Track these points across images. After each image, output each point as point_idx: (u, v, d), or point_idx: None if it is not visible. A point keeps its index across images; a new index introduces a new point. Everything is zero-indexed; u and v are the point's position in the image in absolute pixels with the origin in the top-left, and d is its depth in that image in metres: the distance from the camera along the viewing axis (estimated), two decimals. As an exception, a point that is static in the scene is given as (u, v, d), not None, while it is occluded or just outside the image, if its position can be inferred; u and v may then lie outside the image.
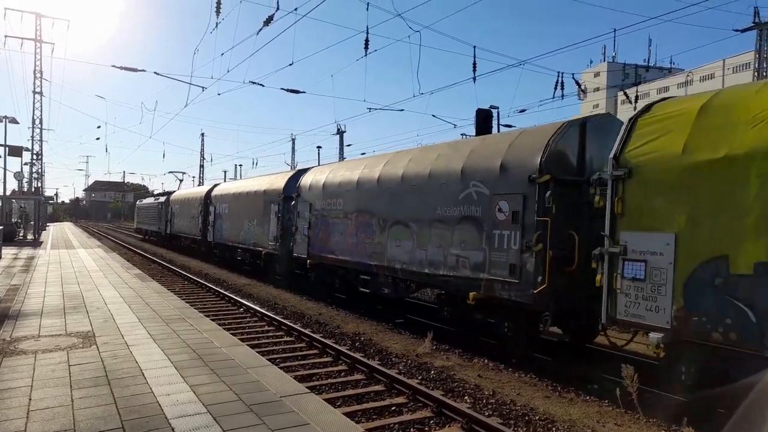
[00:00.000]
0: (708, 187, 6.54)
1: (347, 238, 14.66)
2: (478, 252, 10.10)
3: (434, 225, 11.30)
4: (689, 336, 6.66)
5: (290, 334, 11.49)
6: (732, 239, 6.25)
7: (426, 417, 6.94)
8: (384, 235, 13.02)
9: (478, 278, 10.03)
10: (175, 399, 5.25)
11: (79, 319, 9.07)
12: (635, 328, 7.50)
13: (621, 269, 7.44)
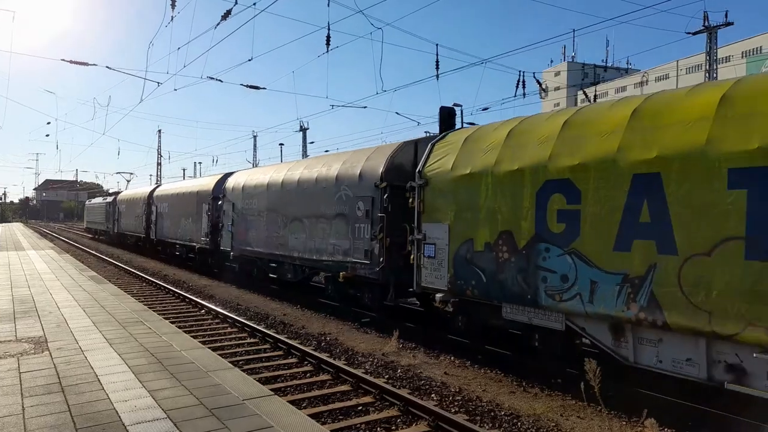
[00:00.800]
0: (464, 192, 9.61)
1: (261, 233, 17.36)
2: (346, 241, 13.06)
3: (319, 220, 14.21)
4: (456, 294, 9.90)
5: (254, 335, 11.28)
6: (474, 228, 9.36)
7: (393, 416, 6.91)
8: (286, 230, 15.84)
9: (346, 261, 13.01)
10: (132, 405, 5.06)
11: (31, 323, 8.68)
12: (431, 291, 10.54)
13: (423, 250, 10.43)
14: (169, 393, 5.44)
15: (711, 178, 6.24)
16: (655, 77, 76.98)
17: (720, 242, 6.15)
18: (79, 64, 18.68)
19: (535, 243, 8.27)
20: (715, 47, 26.56)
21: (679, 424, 6.63)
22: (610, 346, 7.45)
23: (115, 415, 4.81)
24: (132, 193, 37.09)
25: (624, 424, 6.77)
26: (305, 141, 44.13)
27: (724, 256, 6.11)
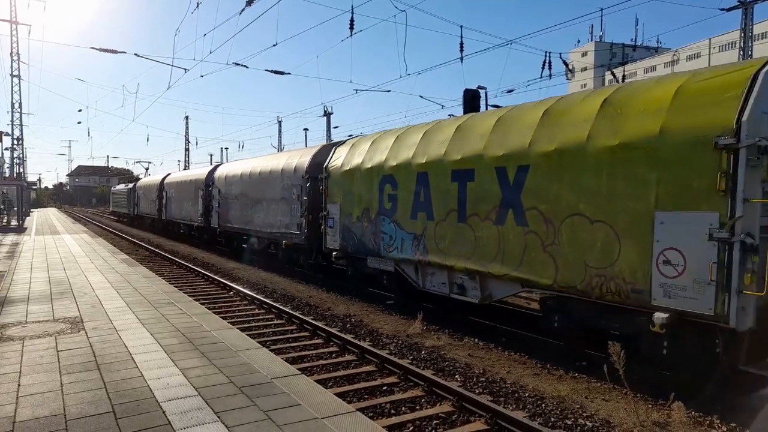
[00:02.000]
0: (347, 183, 13.63)
1: (236, 213, 22.26)
2: (287, 218, 17.65)
3: (271, 203, 18.83)
4: (344, 252, 14.03)
5: (280, 317, 11.49)
6: (351, 206, 13.40)
7: (417, 396, 7.00)
8: (252, 210, 20.54)
9: (288, 232, 17.55)
10: (165, 382, 5.23)
11: (67, 304, 8.99)
12: (330, 252, 14.69)
13: (327, 223, 14.55)
14: (200, 371, 5.61)
15: (446, 176, 10.44)
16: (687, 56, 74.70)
17: (449, 212, 10.37)
18: (108, 51, 19.00)
19: (378, 216, 12.47)
20: (751, 23, 25.60)
21: (708, 407, 6.58)
22: (414, 278, 11.69)
23: (149, 392, 4.99)
24: (148, 180, 42.13)
25: (650, 407, 6.74)
26: (329, 125, 44.14)
27: (450, 220, 10.35)
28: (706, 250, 6.40)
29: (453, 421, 6.27)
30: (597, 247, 7.57)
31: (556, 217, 8.18)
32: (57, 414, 4.45)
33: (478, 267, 9.66)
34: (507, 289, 9.61)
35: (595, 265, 7.58)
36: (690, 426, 6.21)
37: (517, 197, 8.90)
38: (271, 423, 4.37)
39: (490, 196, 9.45)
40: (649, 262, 6.93)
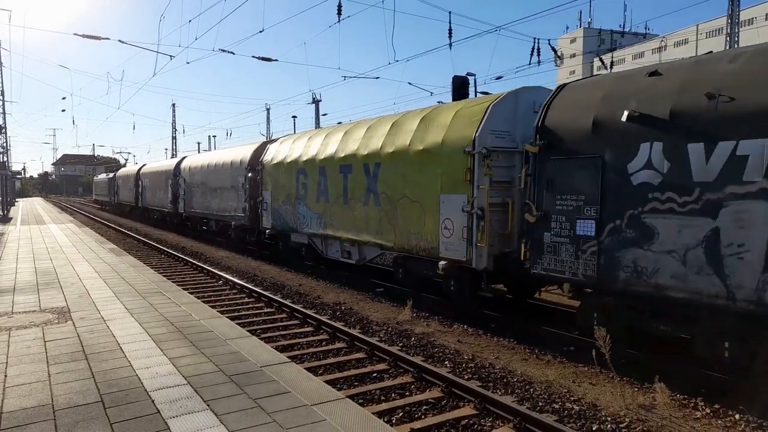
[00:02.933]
0: (275, 173, 17.18)
1: (198, 200, 25.42)
2: (236, 203, 20.69)
3: (225, 190, 21.88)
4: (274, 230, 17.45)
5: (270, 305, 11.48)
6: (278, 192, 16.91)
7: (407, 382, 7.04)
8: (210, 196, 23.72)
9: (236, 215, 20.71)
10: (154, 372, 5.22)
11: (54, 294, 8.92)
12: (266, 229, 17.96)
13: (263, 207, 18.09)
14: (189, 360, 5.60)
15: (335, 170, 13.95)
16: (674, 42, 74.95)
17: (338, 197, 13.78)
18: (92, 38, 18.69)
19: (296, 200, 16.02)
20: (738, 9, 25.70)
21: (691, 390, 6.69)
22: (320, 248, 15.21)
23: (138, 381, 4.97)
24: (126, 170, 45.67)
25: (636, 390, 6.84)
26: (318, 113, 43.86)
27: (339, 203, 13.84)
28: (462, 219, 9.93)
29: (442, 407, 6.32)
30: (414, 219, 11.21)
31: (395, 198, 11.81)
32: (45, 404, 4.43)
33: (356, 237, 13.28)
34: (373, 251, 13.07)
35: (414, 231, 11.26)
36: (675, 408, 6.31)
37: (375, 185, 12.47)
38: (261, 410, 4.38)
39: (361, 184, 12.98)
40: (438, 228, 10.56)
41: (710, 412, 6.21)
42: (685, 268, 6.65)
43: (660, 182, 6.90)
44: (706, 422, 6.01)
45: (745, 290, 6.08)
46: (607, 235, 7.56)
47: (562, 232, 8.20)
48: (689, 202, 6.60)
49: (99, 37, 19.17)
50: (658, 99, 7.02)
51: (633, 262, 7.21)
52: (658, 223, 6.92)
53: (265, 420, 4.20)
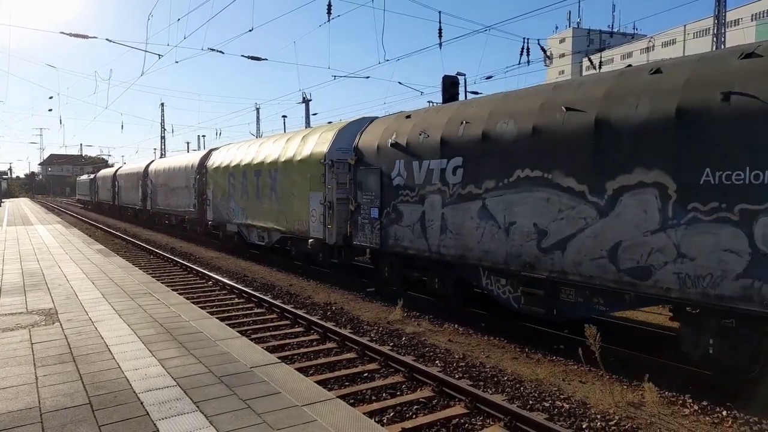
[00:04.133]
0: (215, 176, 22.01)
1: (161, 198, 29.89)
2: (188, 200, 24.96)
3: (181, 189, 26.16)
4: (215, 221, 22.27)
5: (261, 305, 11.44)
6: (217, 191, 21.66)
7: (398, 382, 7.04)
8: (171, 195, 28.05)
9: (189, 210, 25.04)
10: (143, 373, 5.18)
11: (41, 296, 8.82)
12: (210, 221, 22.55)
13: (207, 203, 22.66)
14: (178, 362, 5.56)
15: (251, 173, 18.39)
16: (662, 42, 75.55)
17: (253, 194, 18.26)
18: (79, 36, 18.52)
19: (228, 197, 20.13)
20: (724, 10, 25.97)
21: (680, 388, 6.75)
22: (246, 235, 19.00)
23: (126, 383, 4.93)
24: (105, 172, 51.08)
25: (625, 388, 6.89)
26: (308, 112, 43.75)
27: (253, 199, 18.32)
28: (320, 209, 14.33)
29: (433, 406, 6.33)
30: (296, 210, 15.73)
31: (286, 195, 16.38)
32: (31, 407, 4.38)
33: (265, 225, 17.79)
34: (276, 235, 17.39)
35: (297, 219, 15.72)
36: (663, 405, 6.36)
37: (275, 185, 17.04)
38: (251, 411, 4.35)
39: (267, 185, 17.51)
40: (308, 216, 15.01)
41: (698, 409, 6.27)
42: (413, 235, 11.18)
43: (404, 183, 11.40)
44: (694, 419, 6.07)
45: (435, 246, 10.61)
46: (383, 217, 12.10)
47: (365, 216, 12.73)
48: (414, 196, 11.14)
49: (86, 36, 19.01)
50: (402, 135, 11.55)
51: (394, 233, 11.78)
52: (404, 209, 11.44)
53: (256, 421, 4.18)
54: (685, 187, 6.66)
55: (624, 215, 7.30)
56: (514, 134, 8.89)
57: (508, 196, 9.03)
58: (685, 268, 6.66)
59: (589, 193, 7.75)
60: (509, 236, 9.00)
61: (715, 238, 6.38)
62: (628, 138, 7.25)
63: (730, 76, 6.43)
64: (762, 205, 5.99)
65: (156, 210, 30.76)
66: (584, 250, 7.79)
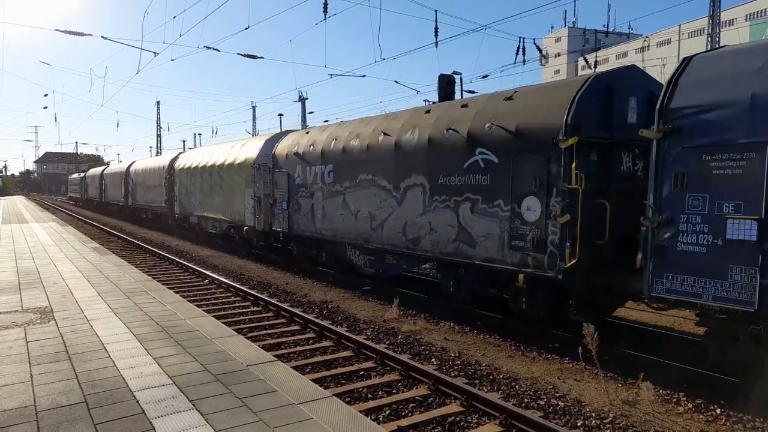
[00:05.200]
0: (182, 175, 25.45)
1: (140, 195, 33.66)
2: (161, 196, 28.68)
3: (155, 187, 29.68)
4: (182, 213, 25.91)
5: (257, 304, 11.43)
6: (183, 188, 25.27)
7: (394, 380, 7.06)
8: (146, 192, 31.92)
9: (161, 205, 28.89)
10: (138, 372, 5.18)
11: (36, 294, 8.79)
12: (176, 215, 26.63)
13: (175, 198, 26.53)
14: (174, 360, 5.56)
15: (206, 173, 22.22)
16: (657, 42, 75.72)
17: (207, 190, 22.06)
18: (74, 34, 18.44)
19: (190, 193, 23.93)
20: (719, 10, 26.03)
21: (675, 386, 6.78)
22: (203, 225, 22.70)
23: (122, 381, 4.92)
24: (94, 171, 55.01)
25: (620, 386, 6.92)
26: (304, 111, 43.69)
27: (207, 194, 22.07)
28: (252, 203, 17.57)
29: (429, 404, 6.34)
30: (236, 203, 19.03)
31: (229, 191, 19.83)
32: (27, 405, 4.37)
33: (216, 216, 21.31)
34: (224, 224, 20.78)
35: (237, 211, 19.13)
36: (658, 403, 6.40)
37: (222, 183, 20.57)
38: (247, 410, 4.36)
39: (217, 183, 21.02)
40: (244, 208, 18.44)
41: (692, 407, 6.31)
42: (307, 222, 14.81)
43: (302, 183, 15.00)
44: (689, 417, 6.10)
45: (319, 229, 14.32)
46: (290, 208, 15.67)
47: (279, 208, 16.26)
48: (307, 192, 14.69)
49: (82, 33, 18.93)
50: (300, 147, 15.38)
51: (297, 220, 15.37)
52: (302, 201, 15.02)
53: (252, 419, 4.19)
54: (432, 186, 10.46)
55: (408, 204, 11.11)
56: (358, 149, 12.67)
57: (356, 192, 12.80)
58: (433, 237, 10.45)
59: (393, 190, 11.55)
60: (357, 221, 12.72)
61: (444, 218, 10.15)
62: (409, 154, 11.04)
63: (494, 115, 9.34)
64: (461, 197, 9.76)
65: (136, 205, 34.86)
66: (392, 228, 11.57)
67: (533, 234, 8.46)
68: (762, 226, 5.93)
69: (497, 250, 9.07)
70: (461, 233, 9.75)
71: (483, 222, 9.33)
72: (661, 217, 6.77)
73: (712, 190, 6.35)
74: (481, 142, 9.35)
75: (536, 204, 8.43)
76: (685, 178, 6.60)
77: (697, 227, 6.50)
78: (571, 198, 7.83)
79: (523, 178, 8.63)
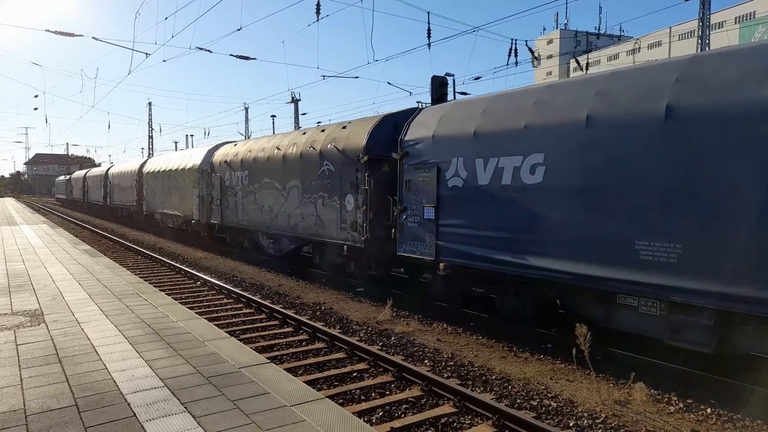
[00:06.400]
0: (148, 178, 28.94)
1: (117, 195, 37.13)
2: (132, 196, 32.54)
3: (128, 188, 33.46)
4: (148, 210, 30.12)
5: (250, 306, 11.39)
6: (149, 189, 29.32)
7: (387, 381, 7.05)
8: (121, 193, 35.54)
9: (133, 204, 32.44)
10: (130, 374, 5.15)
11: (26, 297, 8.72)
12: (144, 212, 30.46)
13: (144, 197, 30.06)
14: (166, 362, 5.53)
15: (163, 177, 26.35)
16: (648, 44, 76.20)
17: (167, 192, 25.90)
18: (65, 35, 18.32)
19: (154, 194, 27.71)
20: (708, 13, 26.24)
21: (666, 386, 6.82)
22: (165, 220, 26.43)
23: (113, 384, 4.89)
24: (78, 174, 58.93)
25: (612, 386, 6.96)
26: (297, 112, 43.65)
27: (165, 194, 26.20)
28: (197, 201, 21.70)
29: (422, 405, 6.34)
30: (188, 201, 23.01)
31: (183, 192, 23.54)
32: (16, 409, 4.33)
33: (173, 212, 24.84)
34: (180, 220, 24.27)
35: (188, 208, 22.87)
36: (649, 403, 6.43)
37: (178, 185, 23.90)
38: (239, 412, 4.34)
39: (174, 185, 24.49)
40: (193, 206, 22.26)
41: (683, 406, 6.35)
42: (233, 215, 18.93)
43: (229, 185, 19.09)
44: (679, 416, 6.14)
45: (240, 220, 18.57)
46: (222, 204, 19.55)
47: (215, 204, 20.10)
48: (234, 191, 18.83)
49: (72, 34, 18.81)
50: (229, 156, 19.43)
51: (227, 214, 19.31)
52: (230, 199, 19.00)
53: (244, 421, 4.17)
54: (304, 187, 14.57)
55: (290, 200, 15.26)
56: (263, 159, 16.92)
57: (262, 191, 16.93)
58: (304, 223, 14.56)
59: (282, 190, 15.71)
60: (263, 213, 16.86)
61: (309, 209, 14.29)
62: (290, 164, 15.27)
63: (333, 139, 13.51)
64: (317, 195, 13.97)
65: (113, 205, 39.01)
66: (282, 218, 15.69)
67: (351, 219, 12.61)
68: (436, 211, 10.10)
69: (336, 230, 13.20)
70: (318, 220, 13.96)
71: (328, 212, 13.52)
72: (401, 206, 10.95)
73: (419, 190, 10.50)
74: (326, 157, 13.58)
75: (352, 199, 12.59)
76: (410, 183, 10.75)
77: (414, 212, 10.64)
78: (365, 195, 12.04)
79: (345, 182, 12.84)
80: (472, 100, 10.94)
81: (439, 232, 9.99)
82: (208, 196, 20.74)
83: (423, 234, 10.31)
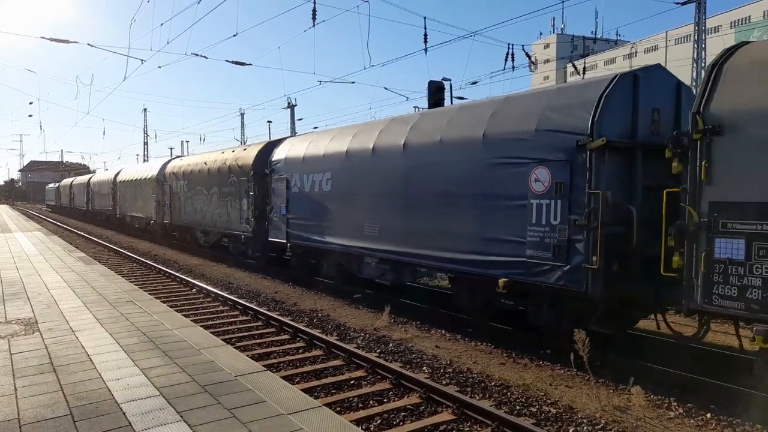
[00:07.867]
0: (121, 186, 34.16)
1: (98, 201, 40.95)
2: (108, 202, 37.55)
3: (106, 195, 38.02)
4: (122, 215, 34.78)
5: (246, 313, 11.32)
6: (122, 195, 34.15)
7: (385, 389, 7.00)
8: (101, 198, 39.68)
9: (109, 209, 37.95)
10: (125, 383, 5.09)
11: (20, 305, 8.65)
12: (118, 215, 35.20)
13: (116, 202, 35.85)
14: (162, 371, 5.47)
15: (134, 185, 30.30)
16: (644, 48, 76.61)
17: (135, 197, 30.55)
18: (60, 41, 18.30)
19: (125, 200, 32.39)
20: (704, 17, 26.41)
21: (665, 391, 6.79)
22: (136, 222, 30.70)
23: (108, 393, 4.83)
24: (65, 182, 63.16)
25: (611, 392, 6.92)
26: (293, 118, 43.72)
27: (140, 201, 29.76)
28: (155, 204, 26.98)
29: (421, 413, 6.29)
30: (149, 205, 27.50)
31: (144, 197, 28.41)
32: (10, 419, 4.27)
33: (138, 215, 29.10)
34: (144, 221, 28.27)
35: (149, 210, 27.73)
36: (649, 409, 6.40)
37: (141, 192, 28.56)
38: (236, 421, 4.29)
39: (139, 191, 29.25)
40: (152, 208, 27.48)
41: (683, 411, 6.32)
42: (178, 214, 23.85)
43: (176, 191, 24.25)
44: (679, 422, 6.11)
45: (184, 219, 23.46)
46: (170, 207, 24.55)
47: (167, 207, 24.74)
48: (180, 196, 23.72)
49: (67, 41, 18.78)
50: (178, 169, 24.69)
51: (174, 216, 24.41)
52: (176, 202, 24.02)
53: (241, 430, 4.12)
54: (220, 192, 19.37)
55: (213, 203, 19.98)
56: (196, 171, 21.59)
57: (197, 196, 21.54)
58: (220, 220, 19.53)
59: (208, 195, 20.21)
60: (196, 213, 21.42)
61: (222, 210, 19.22)
62: (213, 174, 19.84)
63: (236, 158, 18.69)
64: (227, 198, 18.88)
65: (95, 210, 43.16)
66: (207, 216, 20.43)
67: (245, 216, 17.47)
68: (286, 209, 14.96)
69: (238, 224, 18.06)
70: (228, 217, 18.84)
71: (234, 211, 18.36)
72: (270, 206, 15.86)
73: (278, 194, 15.37)
74: (232, 171, 18.54)
75: (246, 202, 17.46)
76: (274, 190, 15.69)
77: (276, 210, 15.52)
78: (253, 199, 16.99)
79: (242, 189, 17.77)
80: (305, 135, 16.34)
81: (289, 222, 14.85)
82: (162, 201, 25.52)
83: (280, 225, 15.23)
